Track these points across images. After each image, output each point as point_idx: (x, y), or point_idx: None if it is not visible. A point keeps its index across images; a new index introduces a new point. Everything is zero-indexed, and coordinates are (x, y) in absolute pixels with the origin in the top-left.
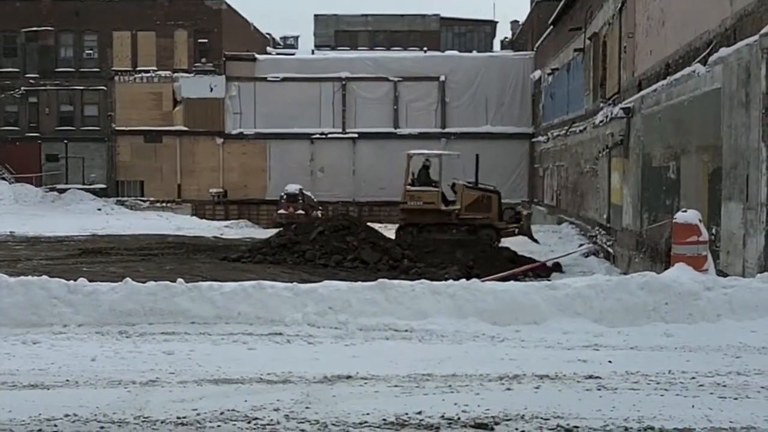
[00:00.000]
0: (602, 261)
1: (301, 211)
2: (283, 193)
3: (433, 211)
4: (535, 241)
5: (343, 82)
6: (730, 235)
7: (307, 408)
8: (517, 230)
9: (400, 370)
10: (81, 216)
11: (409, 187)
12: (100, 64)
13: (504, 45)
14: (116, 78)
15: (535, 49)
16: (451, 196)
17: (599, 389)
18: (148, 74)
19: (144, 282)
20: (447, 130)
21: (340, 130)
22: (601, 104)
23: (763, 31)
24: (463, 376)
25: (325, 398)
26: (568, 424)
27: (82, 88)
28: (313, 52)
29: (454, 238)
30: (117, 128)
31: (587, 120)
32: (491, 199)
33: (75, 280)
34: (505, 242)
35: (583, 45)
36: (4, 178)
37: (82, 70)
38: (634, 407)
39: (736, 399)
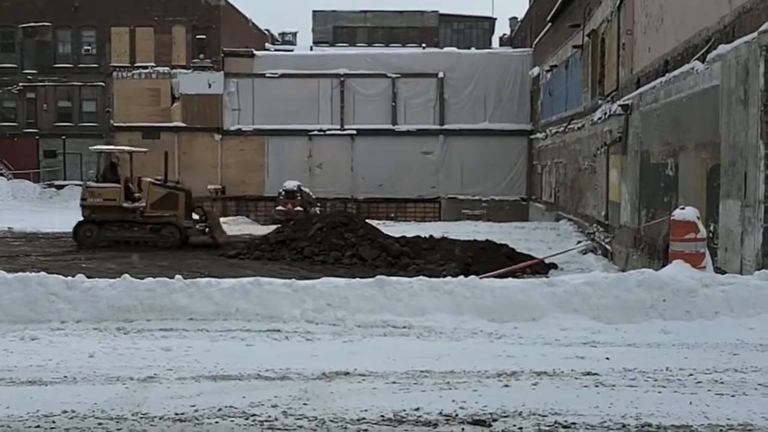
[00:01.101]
0: (600, 258)
1: (299, 208)
2: (281, 190)
3: (114, 207)
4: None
5: (342, 79)
6: (728, 233)
7: (305, 404)
8: (207, 228)
9: (398, 366)
10: (79, 212)
11: (89, 183)
12: (98, 60)
13: (503, 42)
14: (114, 74)
15: (533, 45)
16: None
17: (597, 386)
18: (147, 70)
19: (142, 278)
20: (445, 126)
21: (339, 127)
22: (600, 101)
23: (761, 28)
24: (461, 373)
25: (323, 395)
26: (565, 421)
27: (80, 84)
28: (311, 49)
29: (137, 236)
30: (115, 124)
31: (585, 117)
32: (178, 197)
33: (73, 276)
34: (508, 239)
35: (581, 42)
36: (2, 174)
37: (80, 65)
38: (631, 404)
39: (733, 396)
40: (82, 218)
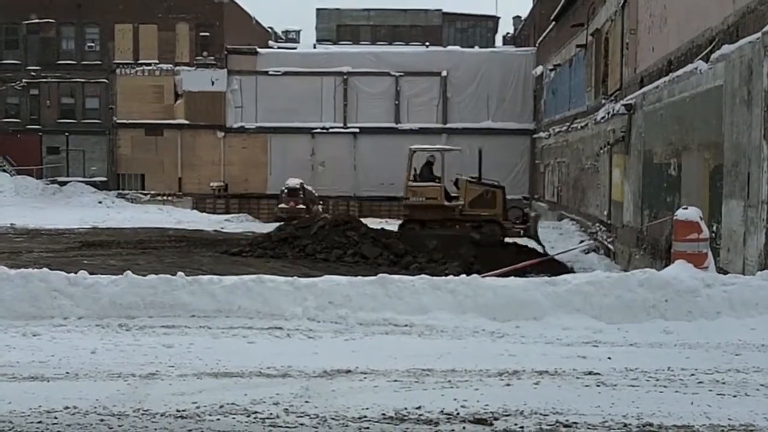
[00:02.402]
0: (602, 257)
1: (302, 206)
2: (284, 188)
3: (435, 206)
4: (541, 245)
5: (345, 77)
6: (730, 233)
7: (306, 402)
8: (522, 231)
9: (400, 365)
10: (81, 209)
11: (411, 182)
12: (102, 56)
13: (506, 40)
14: (118, 71)
15: (537, 44)
16: (455, 192)
17: (598, 386)
18: (150, 67)
19: (144, 275)
20: (448, 125)
21: (342, 125)
22: (603, 101)
23: (765, 28)
24: (462, 372)
25: (325, 392)
26: (567, 420)
27: (83, 80)
28: (314, 47)
29: (458, 233)
30: (118, 121)
31: (589, 116)
32: (495, 195)
33: (75, 273)
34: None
35: (585, 41)
36: (5, 170)
37: (83, 62)
38: (633, 404)
39: (735, 396)
40: (404, 217)
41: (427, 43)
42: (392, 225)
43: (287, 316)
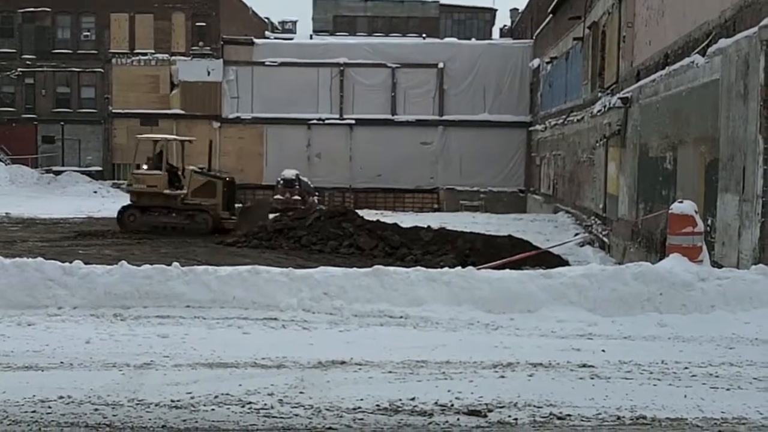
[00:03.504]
0: (597, 250)
1: (297, 197)
2: (279, 179)
3: (157, 194)
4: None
5: (341, 68)
6: (725, 227)
7: (301, 393)
8: (235, 223)
9: (395, 356)
10: (77, 198)
11: (134, 170)
12: (98, 46)
13: (503, 33)
14: (113, 60)
15: (534, 37)
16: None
17: (592, 378)
18: (146, 57)
19: (139, 265)
20: (445, 117)
21: (338, 116)
22: (599, 94)
23: (762, 23)
24: (457, 364)
25: (320, 383)
26: (560, 412)
27: (79, 69)
28: (311, 37)
29: (174, 222)
30: (114, 111)
31: (585, 109)
32: (216, 186)
33: (70, 263)
34: (506, 230)
35: (582, 34)
36: (0, 160)
37: (79, 51)
38: (626, 396)
39: (728, 390)
40: (128, 203)
41: (424, 35)
42: (387, 217)
43: (282, 307)
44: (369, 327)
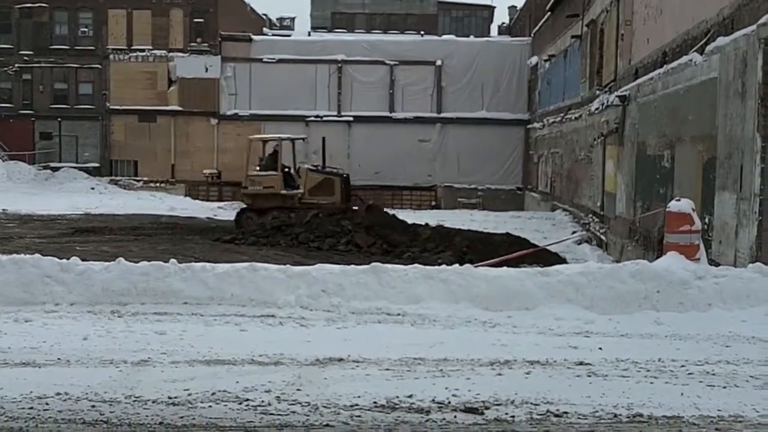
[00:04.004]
0: (595, 248)
1: None
2: None
3: (274, 195)
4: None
5: (339, 65)
6: (722, 225)
7: (298, 390)
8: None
9: (392, 353)
10: (74, 195)
11: (250, 173)
12: (95, 42)
13: (501, 30)
14: (111, 56)
15: (532, 34)
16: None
17: (589, 376)
18: (143, 53)
19: (137, 262)
20: (442, 114)
21: (336, 113)
22: (597, 92)
23: (760, 21)
24: (454, 361)
25: (317, 380)
26: (557, 410)
27: (76, 66)
28: (309, 34)
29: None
30: (111, 107)
31: (583, 107)
32: (334, 183)
33: (68, 259)
34: (504, 228)
35: (580, 32)
36: None
37: (76, 47)
38: (623, 394)
39: (725, 388)
40: (244, 206)
41: (422, 32)
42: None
43: (280, 304)
44: (366, 324)
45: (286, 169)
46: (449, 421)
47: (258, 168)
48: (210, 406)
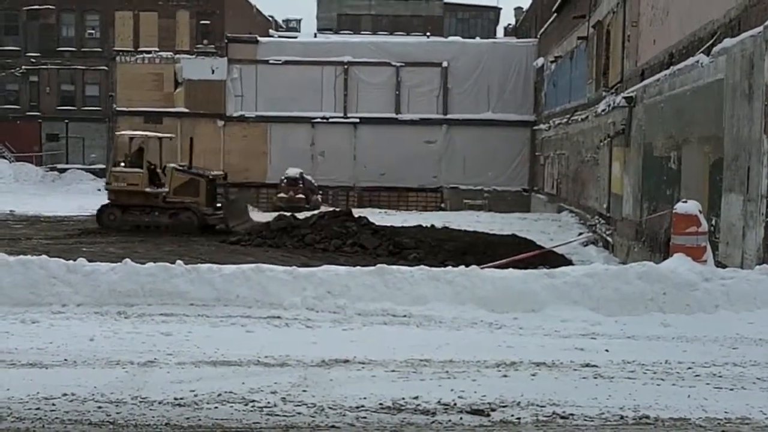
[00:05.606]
0: (601, 250)
1: (301, 195)
2: (283, 177)
3: (138, 192)
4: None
5: (345, 66)
6: (729, 227)
7: (304, 391)
8: (222, 216)
9: (398, 355)
10: (81, 196)
11: (113, 168)
12: (102, 44)
13: (507, 32)
14: (118, 58)
15: (538, 36)
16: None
17: (596, 378)
18: (150, 55)
19: (143, 263)
20: (448, 116)
21: (342, 115)
22: (604, 93)
23: (767, 22)
24: (460, 363)
25: (323, 382)
26: (563, 412)
27: (83, 67)
28: (315, 36)
29: (157, 221)
30: (118, 109)
31: (589, 109)
32: (199, 183)
33: (74, 260)
34: (510, 229)
35: (586, 33)
36: (4, 157)
37: (83, 49)
38: (630, 396)
39: (731, 390)
40: (107, 201)
41: (428, 34)
42: (391, 216)
43: (286, 306)
44: (372, 326)
45: (152, 167)
46: (455, 422)
47: (123, 164)
48: (216, 407)
